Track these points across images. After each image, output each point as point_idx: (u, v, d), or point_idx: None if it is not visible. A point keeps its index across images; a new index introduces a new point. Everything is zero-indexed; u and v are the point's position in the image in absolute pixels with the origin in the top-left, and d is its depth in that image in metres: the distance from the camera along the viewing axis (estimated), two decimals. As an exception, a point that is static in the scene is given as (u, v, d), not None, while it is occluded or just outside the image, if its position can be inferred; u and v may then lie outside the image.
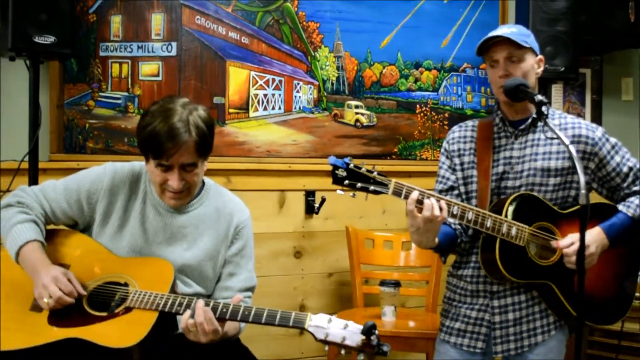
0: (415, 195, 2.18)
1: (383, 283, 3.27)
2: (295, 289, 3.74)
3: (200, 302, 2.01)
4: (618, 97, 4.67)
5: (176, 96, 2.23)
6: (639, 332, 3.55)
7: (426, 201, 2.18)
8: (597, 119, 4.52)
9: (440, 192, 2.56)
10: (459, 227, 2.51)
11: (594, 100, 4.56)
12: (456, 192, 2.56)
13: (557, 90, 4.36)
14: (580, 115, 4.45)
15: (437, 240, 2.33)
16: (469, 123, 2.63)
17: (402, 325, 3.19)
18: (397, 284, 3.26)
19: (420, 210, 2.19)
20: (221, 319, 2.01)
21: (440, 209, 2.19)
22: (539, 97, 2.24)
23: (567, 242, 2.30)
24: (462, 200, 2.51)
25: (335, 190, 2.14)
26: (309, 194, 3.72)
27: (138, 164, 2.32)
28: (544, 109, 2.24)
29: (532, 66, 2.45)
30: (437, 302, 3.45)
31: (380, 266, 3.63)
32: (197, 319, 1.98)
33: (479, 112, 4.14)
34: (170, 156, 2.10)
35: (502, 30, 2.41)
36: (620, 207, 2.45)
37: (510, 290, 2.44)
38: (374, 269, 3.64)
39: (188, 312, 2.01)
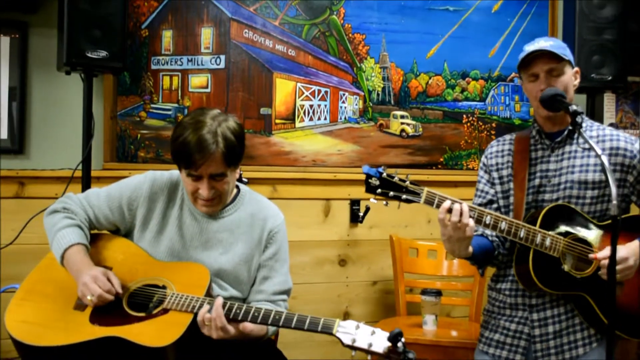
0: (446, 204, 2.20)
1: (424, 292, 3.29)
2: (340, 297, 3.78)
3: (219, 300, 2.10)
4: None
5: (208, 108, 2.30)
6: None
7: (455, 206, 2.20)
8: (652, 128, 4.41)
9: (479, 205, 2.53)
10: (496, 239, 2.50)
11: (649, 108, 4.44)
12: (495, 205, 2.55)
13: (609, 100, 4.27)
14: (635, 124, 4.35)
15: (471, 249, 2.34)
16: (507, 137, 2.63)
17: (443, 334, 3.20)
18: (438, 293, 3.27)
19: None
20: (234, 320, 2.09)
21: (468, 216, 2.20)
22: (574, 107, 2.23)
23: (605, 254, 2.24)
24: (502, 214, 2.49)
25: (377, 199, 2.20)
26: (354, 203, 3.77)
27: (177, 172, 2.39)
28: (578, 119, 2.22)
29: (571, 78, 2.44)
30: (480, 312, 3.43)
31: (424, 275, 3.64)
32: (213, 314, 2.07)
33: (527, 121, 4.10)
34: (199, 167, 2.17)
35: (540, 44, 2.39)
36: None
37: (549, 303, 2.41)
38: (417, 277, 3.65)
39: (207, 307, 2.10)
